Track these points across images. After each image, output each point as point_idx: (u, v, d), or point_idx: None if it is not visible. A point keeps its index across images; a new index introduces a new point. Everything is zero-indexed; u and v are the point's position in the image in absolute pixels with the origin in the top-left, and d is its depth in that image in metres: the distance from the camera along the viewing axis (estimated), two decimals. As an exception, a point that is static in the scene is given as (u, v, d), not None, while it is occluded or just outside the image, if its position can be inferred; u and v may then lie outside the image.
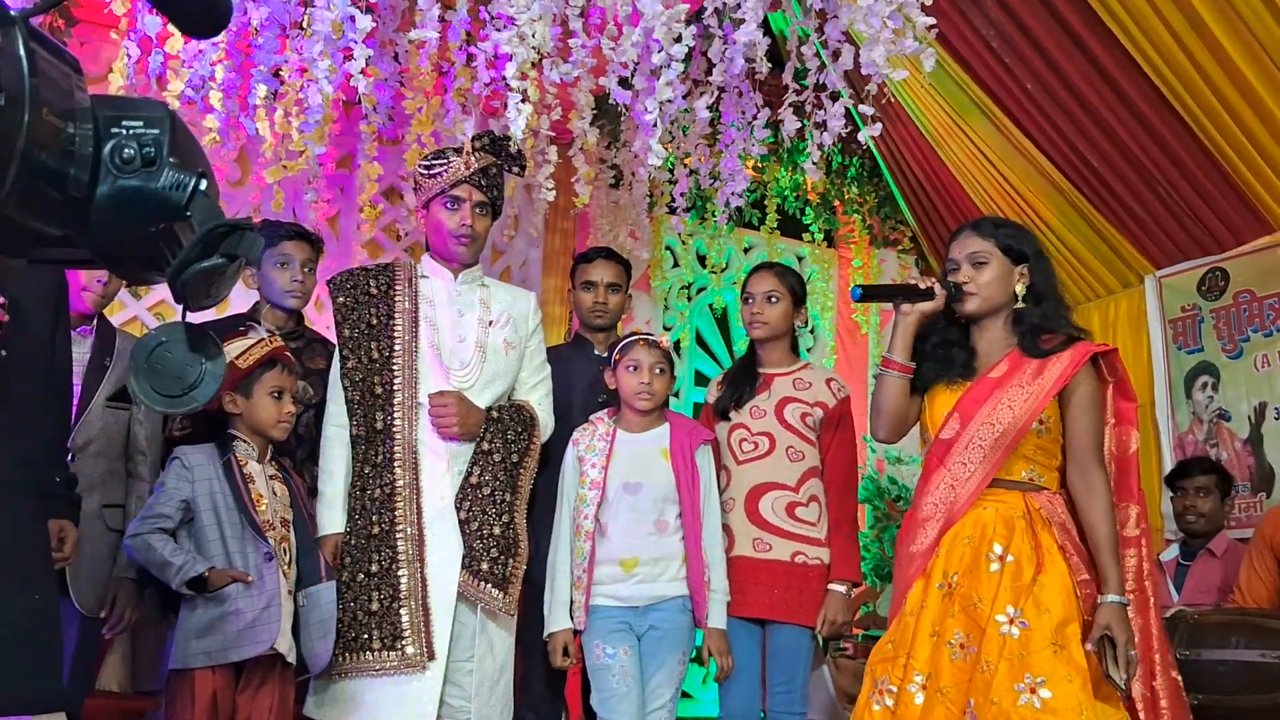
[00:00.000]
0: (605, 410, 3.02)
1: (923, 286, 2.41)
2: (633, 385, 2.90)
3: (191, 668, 2.43)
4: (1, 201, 0.58)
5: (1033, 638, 2.14)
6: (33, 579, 2.02)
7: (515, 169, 2.95)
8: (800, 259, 5.66)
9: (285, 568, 2.56)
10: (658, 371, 2.91)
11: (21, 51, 0.58)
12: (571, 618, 2.82)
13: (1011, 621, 2.16)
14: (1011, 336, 2.40)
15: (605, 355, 3.29)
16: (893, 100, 3.27)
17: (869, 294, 2.65)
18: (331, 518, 2.71)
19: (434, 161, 2.84)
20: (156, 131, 0.72)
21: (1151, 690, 2.27)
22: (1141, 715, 2.25)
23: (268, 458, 2.66)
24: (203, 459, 2.56)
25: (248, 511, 2.51)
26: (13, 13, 0.58)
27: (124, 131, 0.70)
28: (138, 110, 0.72)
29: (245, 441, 2.61)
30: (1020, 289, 2.38)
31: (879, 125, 2.76)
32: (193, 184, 0.73)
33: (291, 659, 2.53)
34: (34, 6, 0.61)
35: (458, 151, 2.84)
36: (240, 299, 3.37)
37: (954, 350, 2.44)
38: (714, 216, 4.91)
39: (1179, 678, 2.34)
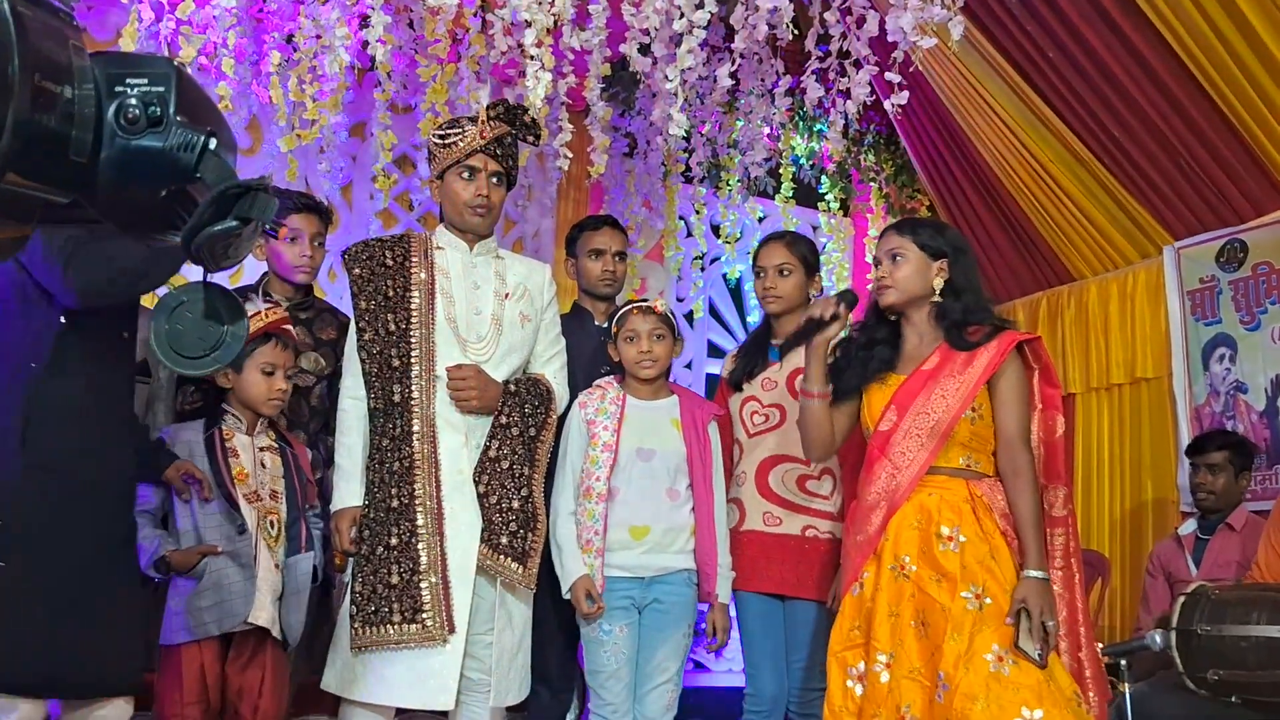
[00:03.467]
0: (612, 376, 2.99)
1: (822, 315, 2.51)
2: (632, 355, 2.87)
3: (177, 643, 2.44)
4: None
5: (996, 613, 2.25)
6: (122, 568, 2.06)
7: (530, 138, 2.90)
8: (815, 229, 5.60)
9: (271, 541, 2.55)
10: (656, 338, 2.88)
11: (6, 12, 0.54)
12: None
13: (978, 597, 2.27)
14: (938, 330, 2.53)
15: (606, 326, 3.25)
16: (914, 68, 3.23)
17: (789, 344, 2.83)
18: (350, 490, 2.68)
19: (449, 130, 2.79)
20: (162, 89, 0.67)
21: (1079, 661, 2.42)
22: None
23: (258, 430, 2.65)
24: (188, 435, 2.58)
25: (225, 486, 2.51)
26: None
27: (128, 90, 0.66)
28: (141, 67, 0.68)
29: (235, 415, 2.62)
30: (938, 283, 2.51)
31: (906, 94, 2.71)
32: (202, 143, 0.69)
33: (277, 632, 2.53)
34: None
35: (473, 120, 2.79)
36: (251, 270, 3.33)
37: (876, 348, 2.58)
38: (729, 186, 4.85)
39: (1099, 650, 2.57)
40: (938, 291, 2.52)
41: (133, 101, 0.68)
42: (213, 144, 0.71)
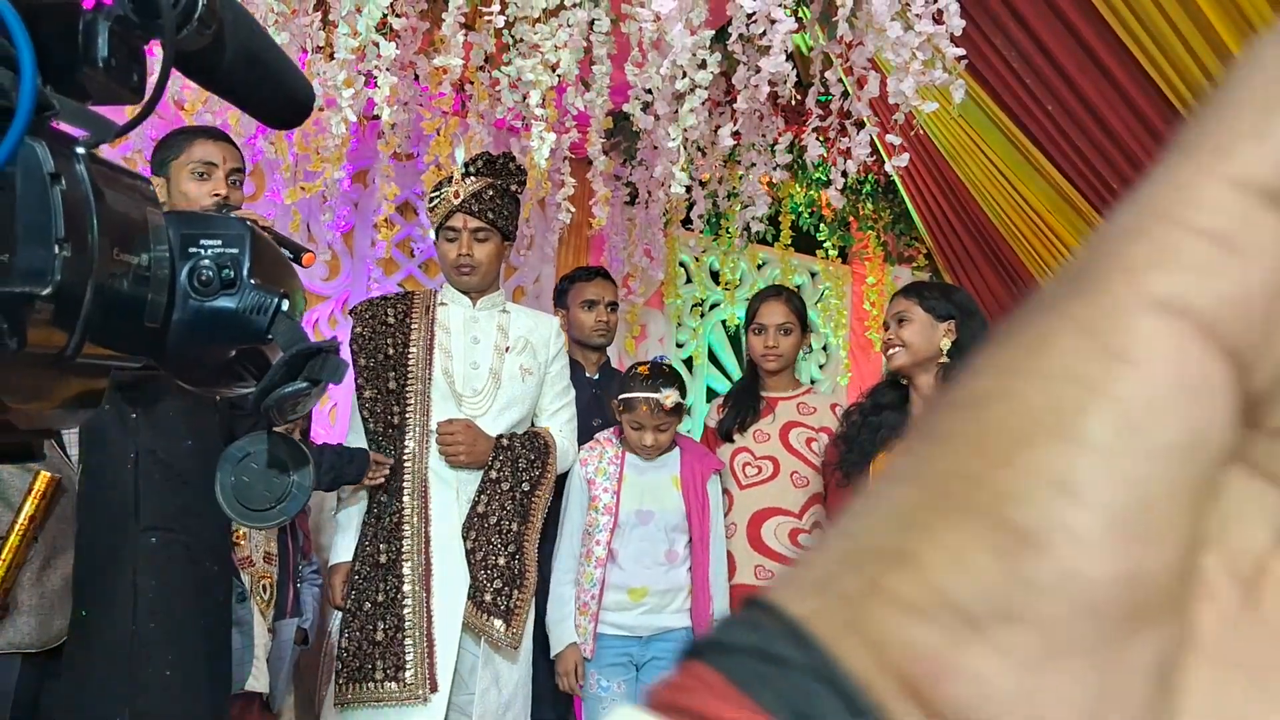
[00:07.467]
0: (611, 429, 2.98)
1: None
2: (636, 440, 2.85)
3: None
4: (73, 351, 0.54)
5: None
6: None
7: (514, 185, 2.89)
8: (814, 275, 5.62)
9: (264, 606, 2.54)
10: (662, 430, 2.84)
11: (89, 191, 0.54)
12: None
13: None
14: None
15: (598, 378, 3.25)
16: (916, 131, 3.24)
17: None
18: (345, 545, 2.69)
19: (431, 194, 2.83)
20: (236, 251, 0.68)
21: None
22: None
23: None
24: None
25: None
26: (79, 149, 0.54)
27: (202, 251, 0.67)
28: (215, 228, 0.68)
29: None
30: (945, 343, 2.53)
31: (906, 156, 2.73)
32: (275, 306, 0.69)
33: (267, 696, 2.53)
34: (99, 135, 0.57)
35: (450, 181, 2.80)
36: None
37: (884, 414, 2.61)
38: (729, 234, 4.87)
39: None
40: (945, 352, 2.52)
41: (206, 263, 0.68)
42: (285, 306, 0.71)
